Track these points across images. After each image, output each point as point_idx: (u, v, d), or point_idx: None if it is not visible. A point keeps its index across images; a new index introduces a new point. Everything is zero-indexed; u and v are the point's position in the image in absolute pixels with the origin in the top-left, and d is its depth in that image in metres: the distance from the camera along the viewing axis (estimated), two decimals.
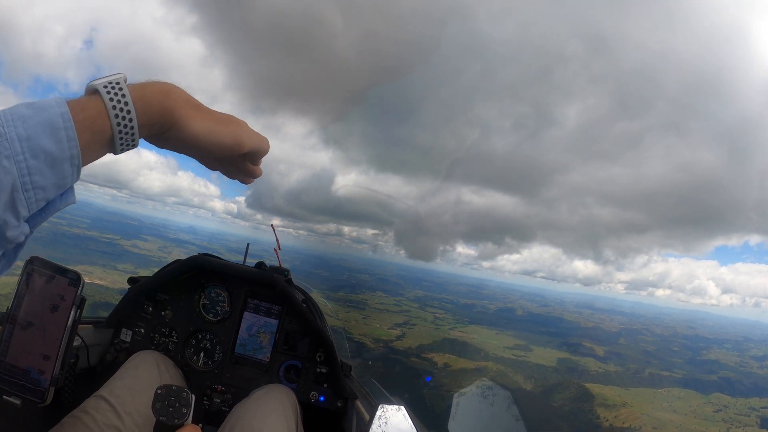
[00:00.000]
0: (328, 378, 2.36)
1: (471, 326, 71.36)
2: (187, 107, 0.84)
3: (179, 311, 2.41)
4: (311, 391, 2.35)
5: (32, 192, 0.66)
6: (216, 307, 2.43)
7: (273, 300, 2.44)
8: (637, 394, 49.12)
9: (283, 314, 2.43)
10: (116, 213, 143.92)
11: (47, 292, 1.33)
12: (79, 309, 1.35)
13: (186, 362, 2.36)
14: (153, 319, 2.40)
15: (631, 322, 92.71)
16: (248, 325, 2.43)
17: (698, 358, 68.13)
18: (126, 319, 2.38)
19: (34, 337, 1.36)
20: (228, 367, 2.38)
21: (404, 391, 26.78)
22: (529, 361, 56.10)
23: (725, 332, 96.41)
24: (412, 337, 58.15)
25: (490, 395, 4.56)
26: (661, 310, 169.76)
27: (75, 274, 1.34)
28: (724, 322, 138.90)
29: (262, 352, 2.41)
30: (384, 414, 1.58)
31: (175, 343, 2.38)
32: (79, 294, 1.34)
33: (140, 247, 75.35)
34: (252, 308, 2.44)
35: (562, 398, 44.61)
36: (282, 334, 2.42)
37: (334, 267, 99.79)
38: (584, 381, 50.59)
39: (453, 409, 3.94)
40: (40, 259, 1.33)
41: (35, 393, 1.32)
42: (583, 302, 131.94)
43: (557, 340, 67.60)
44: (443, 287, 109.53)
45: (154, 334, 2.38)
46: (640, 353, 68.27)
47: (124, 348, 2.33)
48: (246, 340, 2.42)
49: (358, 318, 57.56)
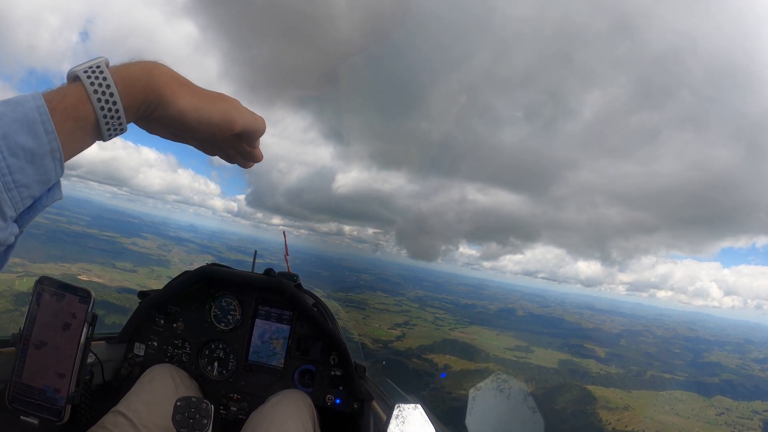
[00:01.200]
0: (342, 380, 2.37)
1: (472, 327, 71.44)
2: (173, 84, 0.79)
3: (191, 322, 2.43)
4: (327, 394, 2.36)
5: (16, 191, 0.64)
6: (227, 316, 2.44)
7: (284, 306, 2.45)
8: (639, 397, 48.90)
9: (294, 319, 2.44)
10: (116, 211, 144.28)
11: (58, 310, 1.39)
12: (91, 326, 1.40)
13: (200, 373, 2.38)
14: (165, 331, 2.41)
15: (631, 324, 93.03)
16: (260, 332, 2.44)
17: (700, 360, 68.06)
18: (138, 333, 2.40)
19: (47, 356, 1.41)
20: (243, 375, 2.40)
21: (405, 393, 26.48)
22: (531, 362, 56.07)
23: (726, 334, 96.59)
24: (412, 338, 58.13)
25: (506, 389, 4.57)
26: (662, 312, 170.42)
27: (85, 292, 1.39)
28: (724, 324, 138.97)
29: (275, 359, 2.42)
30: (401, 413, 1.57)
31: (188, 354, 2.40)
32: (90, 311, 1.39)
33: (140, 245, 74.97)
34: (263, 315, 2.45)
35: (564, 401, 44.28)
36: (295, 340, 2.43)
37: (334, 266, 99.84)
38: (586, 383, 50.39)
39: (470, 404, 3.91)
40: (49, 278, 1.40)
41: (52, 412, 1.37)
42: (584, 303, 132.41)
43: (558, 341, 67.52)
44: (443, 287, 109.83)
45: (167, 346, 2.40)
46: (642, 355, 68.43)
47: (138, 362, 2.34)
48: (259, 347, 2.43)
49: (358, 318, 57.17)
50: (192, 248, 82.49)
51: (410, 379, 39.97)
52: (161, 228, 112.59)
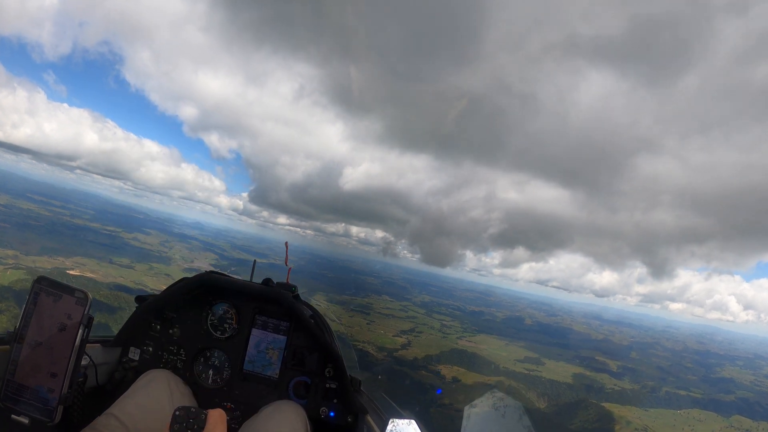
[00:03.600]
0: (337, 393, 2.38)
1: (479, 335, 69.74)
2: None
3: (187, 329, 2.43)
4: (321, 406, 2.37)
5: None
6: (224, 324, 2.44)
7: (281, 316, 2.47)
8: (657, 416, 47.36)
9: (291, 330, 2.46)
10: (123, 206, 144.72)
11: (55, 311, 1.41)
12: (86, 328, 1.43)
13: (195, 380, 2.39)
14: (161, 337, 2.42)
15: (640, 336, 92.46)
16: (257, 341, 2.45)
17: (712, 376, 66.45)
18: (134, 337, 2.40)
19: (42, 356, 1.44)
20: (237, 384, 2.41)
21: (411, 409, 25.08)
22: (542, 376, 54.14)
23: (735, 348, 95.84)
24: (418, 346, 56.33)
25: (501, 406, 4.06)
26: (669, 324, 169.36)
27: (82, 293, 1.42)
28: (733, 337, 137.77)
29: (271, 369, 2.43)
30: (395, 428, 1.55)
31: (183, 360, 2.40)
32: (86, 313, 1.42)
33: (141, 241, 73.80)
34: (260, 325, 2.47)
35: (581, 420, 42.48)
36: (291, 350, 2.44)
37: (339, 268, 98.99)
38: (601, 400, 48.70)
39: (464, 422, 3.54)
40: (47, 278, 1.43)
41: (44, 412, 1.39)
42: (591, 313, 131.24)
43: (569, 352, 66.00)
44: (450, 293, 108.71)
45: (163, 352, 2.40)
46: (654, 369, 66.91)
47: (132, 366, 2.35)
48: (255, 357, 2.44)
49: (362, 323, 55.82)
50: (195, 245, 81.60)
51: (416, 392, 38.36)
52: (166, 224, 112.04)
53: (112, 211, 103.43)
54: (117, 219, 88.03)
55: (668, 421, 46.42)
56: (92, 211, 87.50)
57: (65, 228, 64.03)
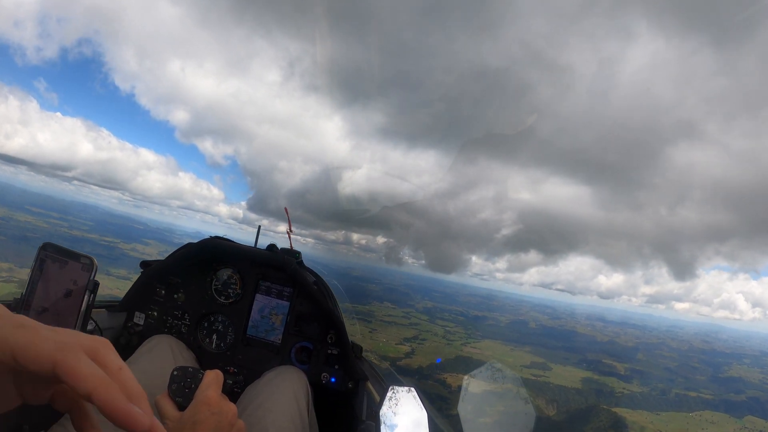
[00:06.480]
0: (339, 359, 2.38)
1: (484, 341, 68.82)
2: None
3: (191, 294, 2.44)
4: (322, 372, 2.37)
5: None
6: (228, 290, 2.44)
7: (284, 282, 2.46)
8: (669, 420, 46.68)
9: (294, 296, 2.45)
10: (123, 216, 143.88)
11: (60, 277, 1.41)
12: (92, 293, 1.42)
13: (198, 345, 2.39)
14: (166, 302, 2.43)
15: (645, 336, 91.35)
16: (260, 307, 2.45)
17: (721, 376, 65.62)
18: (139, 302, 2.42)
19: (48, 322, 1.68)
20: (240, 349, 2.40)
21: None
22: (550, 381, 53.21)
23: (741, 346, 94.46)
24: (422, 354, 55.28)
25: (499, 377, 3.18)
26: (673, 323, 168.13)
27: (88, 259, 1.41)
28: (737, 335, 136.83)
29: (273, 334, 2.43)
30: (394, 395, 1.59)
31: (187, 325, 2.41)
32: (92, 279, 1.41)
33: (139, 251, 72.53)
34: (264, 290, 2.46)
35: (594, 428, 41.52)
36: (293, 316, 2.43)
37: (340, 275, 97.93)
38: (612, 405, 47.78)
39: (462, 392, 3.79)
40: (52, 245, 1.42)
41: None
42: (594, 314, 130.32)
43: (575, 356, 65.07)
44: (453, 298, 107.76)
45: (167, 317, 2.41)
46: (662, 370, 66.12)
47: (137, 331, 2.36)
48: (258, 322, 2.44)
49: (364, 331, 54.60)
50: None
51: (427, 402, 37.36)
52: (166, 234, 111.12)
53: (112, 222, 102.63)
54: (116, 230, 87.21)
55: (681, 425, 45.86)
56: (91, 222, 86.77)
57: (62, 240, 62.90)
